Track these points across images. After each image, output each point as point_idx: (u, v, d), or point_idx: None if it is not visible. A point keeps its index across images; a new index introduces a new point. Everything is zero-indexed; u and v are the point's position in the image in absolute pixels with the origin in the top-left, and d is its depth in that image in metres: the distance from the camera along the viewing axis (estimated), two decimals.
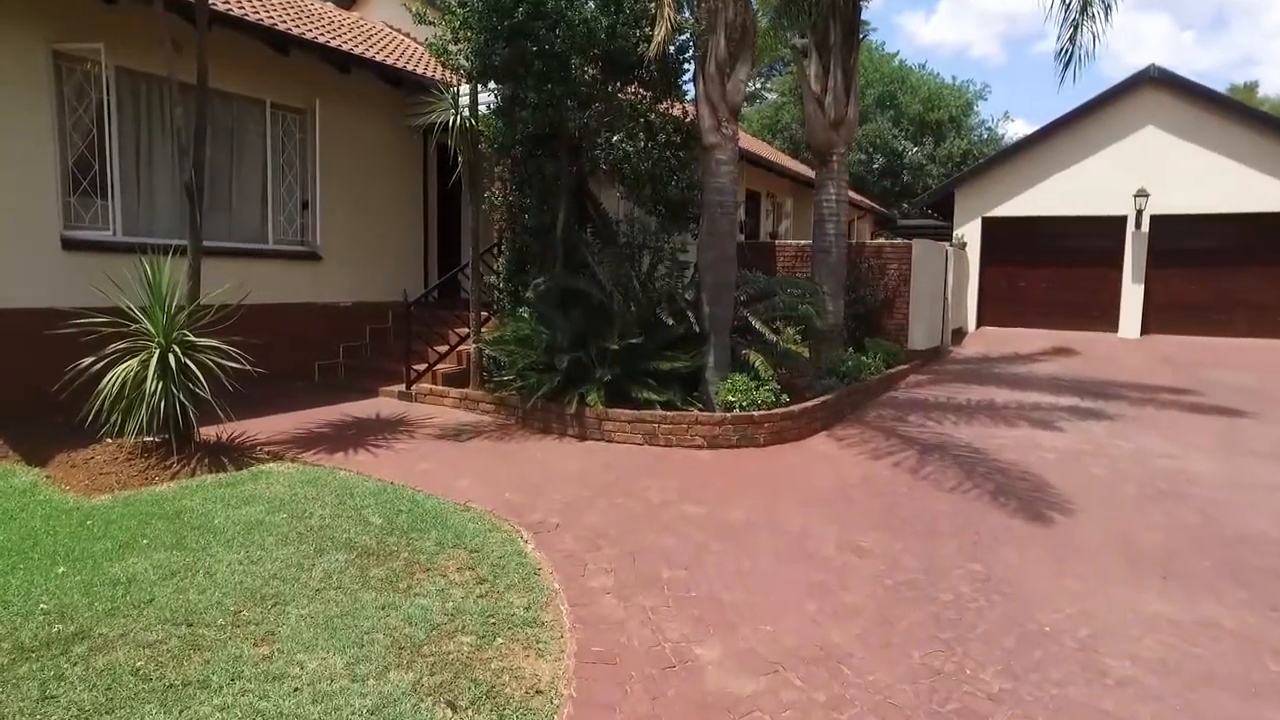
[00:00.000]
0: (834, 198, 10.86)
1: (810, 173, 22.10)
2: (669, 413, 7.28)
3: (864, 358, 10.29)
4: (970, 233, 18.17)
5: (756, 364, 7.69)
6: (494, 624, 3.67)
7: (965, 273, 17.31)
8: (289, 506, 5.16)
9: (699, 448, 7.15)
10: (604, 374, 7.52)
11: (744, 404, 7.39)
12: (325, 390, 9.28)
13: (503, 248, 9.63)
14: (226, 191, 8.90)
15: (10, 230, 7.06)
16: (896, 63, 33.90)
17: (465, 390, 8.60)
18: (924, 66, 35.55)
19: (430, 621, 3.65)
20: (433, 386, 8.84)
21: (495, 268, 9.64)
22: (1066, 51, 9.68)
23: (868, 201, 26.62)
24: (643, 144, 8.40)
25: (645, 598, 4.08)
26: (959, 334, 16.21)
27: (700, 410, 7.55)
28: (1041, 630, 3.84)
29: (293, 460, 6.40)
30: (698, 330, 7.80)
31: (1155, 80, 16.50)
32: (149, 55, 7.45)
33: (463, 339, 9.37)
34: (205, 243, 8.56)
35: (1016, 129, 49.43)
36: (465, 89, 8.58)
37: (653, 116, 8.69)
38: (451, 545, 4.60)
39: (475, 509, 5.31)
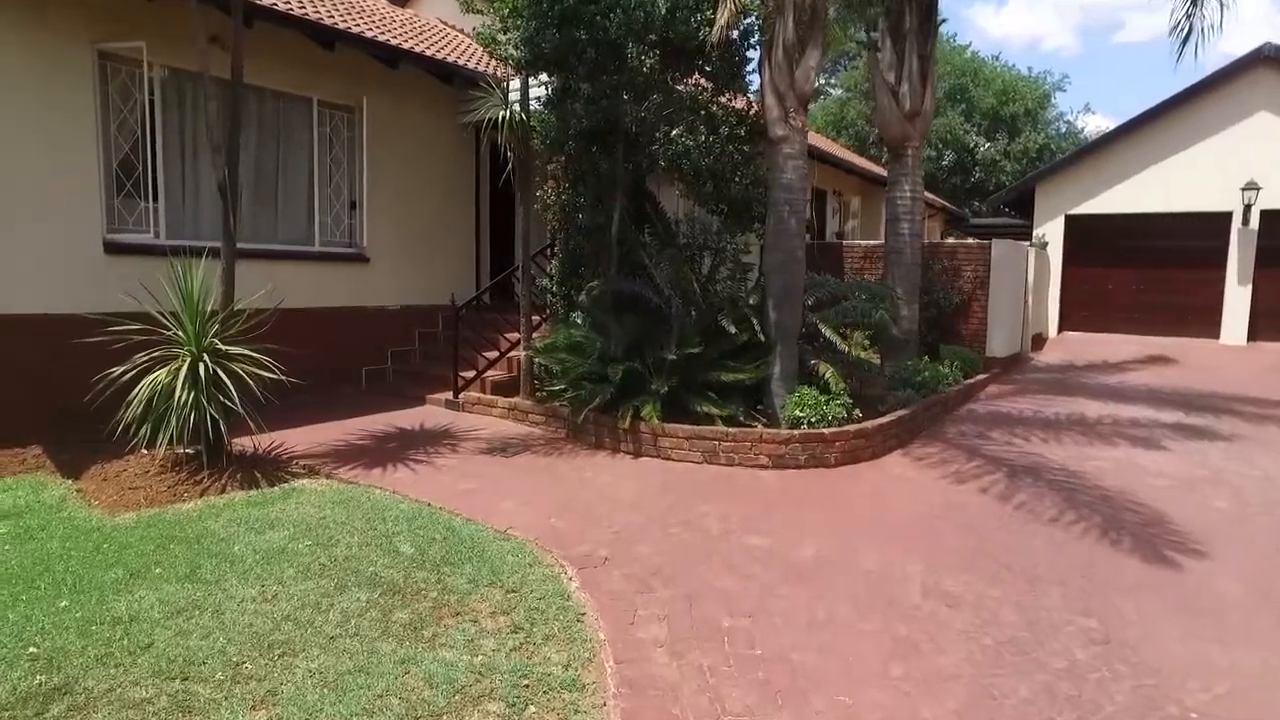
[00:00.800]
0: (908, 194, 10.14)
1: (879, 170, 21.21)
2: (731, 429, 6.70)
3: (940, 367, 9.54)
4: (1052, 231, 17.07)
5: (827, 375, 7.06)
6: (527, 687, 3.16)
7: (1046, 274, 16.25)
8: (315, 532, 4.75)
9: (763, 468, 6.56)
10: (661, 385, 6.98)
11: (813, 420, 6.76)
12: (372, 397, 8.96)
13: (556, 249, 9.18)
14: (272, 192, 8.65)
15: (55, 234, 6.87)
16: (969, 55, 32.55)
17: (514, 400, 8.17)
18: (997, 58, 34.12)
19: (454, 682, 3.16)
20: (481, 395, 8.43)
21: (548, 270, 9.19)
22: (1183, 27, 8.72)
23: (938, 200, 25.51)
24: (703, 138, 7.83)
25: (703, 654, 3.53)
26: (1039, 340, 15.19)
27: (764, 426, 6.95)
28: (1186, 718, 3.16)
29: (328, 476, 6.03)
30: (762, 338, 7.20)
31: (1271, 59, 14.98)
32: (198, 54, 7.20)
33: (513, 345, 8.95)
34: (248, 245, 8.35)
35: (1096, 123, 47.07)
36: (516, 84, 8.14)
37: (714, 108, 8.12)
38: (486, 583, 4.12)
39: (516, 538, 4.83)
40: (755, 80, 8.53)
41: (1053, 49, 65.61)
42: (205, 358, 5.73)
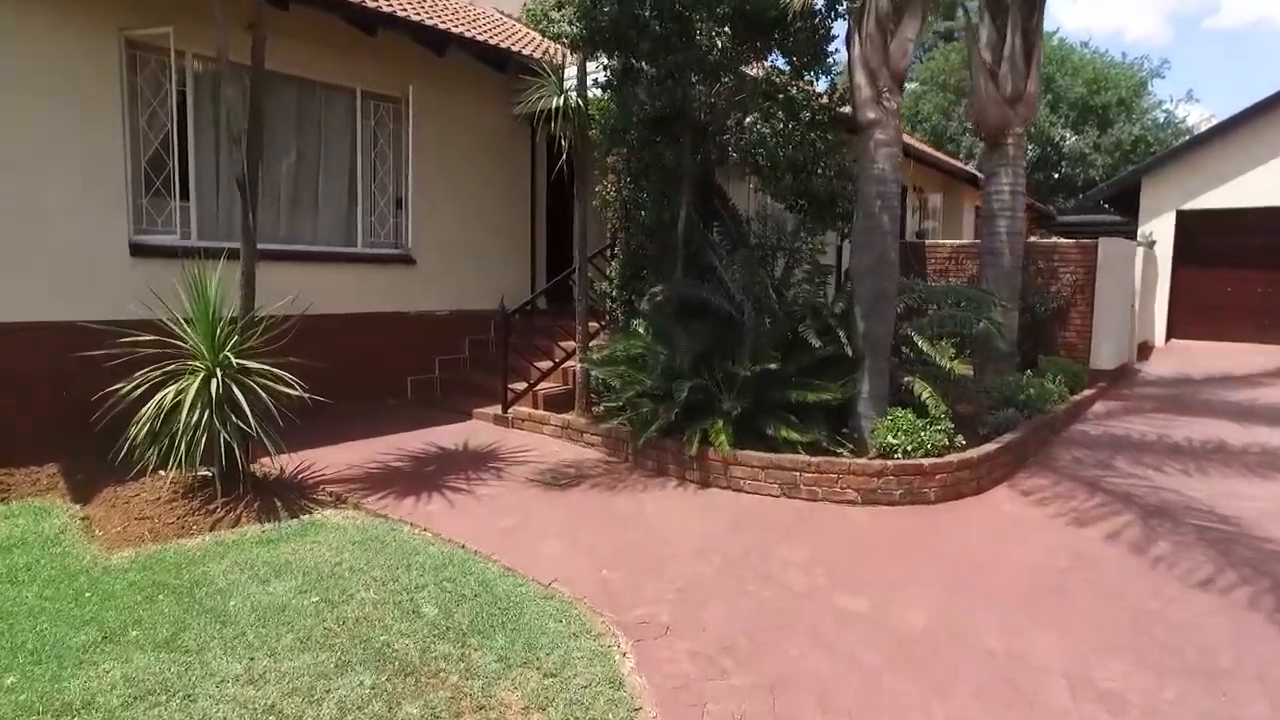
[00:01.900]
0: (1007, 189, 9.06)
1: (961, 165, 19.89)
2: (813, 458, 5.79)
3: (1045, 382, 8.43)
4: (1159, 229, 15.55)
5: (924, 396, 6.10)
6: None
7: (1153, 276, 14.80)
8: (327, 583, 4.05)
9: (850, 504, 5.65)
10: (732, 406, 6.13)
11: (909, 448, 5.82)
12: (415, 410, 8.32)
13: (616, 250, 8.41)
14: (312, 189, 8.08)
15: (79, 235, 6.39)
16: (1055, 41, 30.66)
17: (567, 417, 7.41)
18: (1086, 45, 32.12)
19: None
20: (531, 411, 7.70)
21: (608, 273, 8.42)
22: None
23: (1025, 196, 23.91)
24: (781, 125, 6.95)
25: None
26: (1145, 348, 13.79)
27: (851, 455, 6.03)
28: None
29: (355, 506, 5.36)
30: (849, 352, 6.28)
31: None
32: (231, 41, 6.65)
33: (568, 355, 8.21)
34: (285, 246, 7.80)
35: (1199, 113, 43.88)
36: (573, 70, 7.37)
37: (794, 91, 7.22)
38: (520, 662, 3.34)
39: (561, 595, 4.05)
40: (841, 59, 7.59)
41: (1138, 38, 62.09)
42: (219, 373, 5.11)
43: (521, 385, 7.95)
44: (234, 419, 5.06)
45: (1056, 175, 30.06)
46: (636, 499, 5.74)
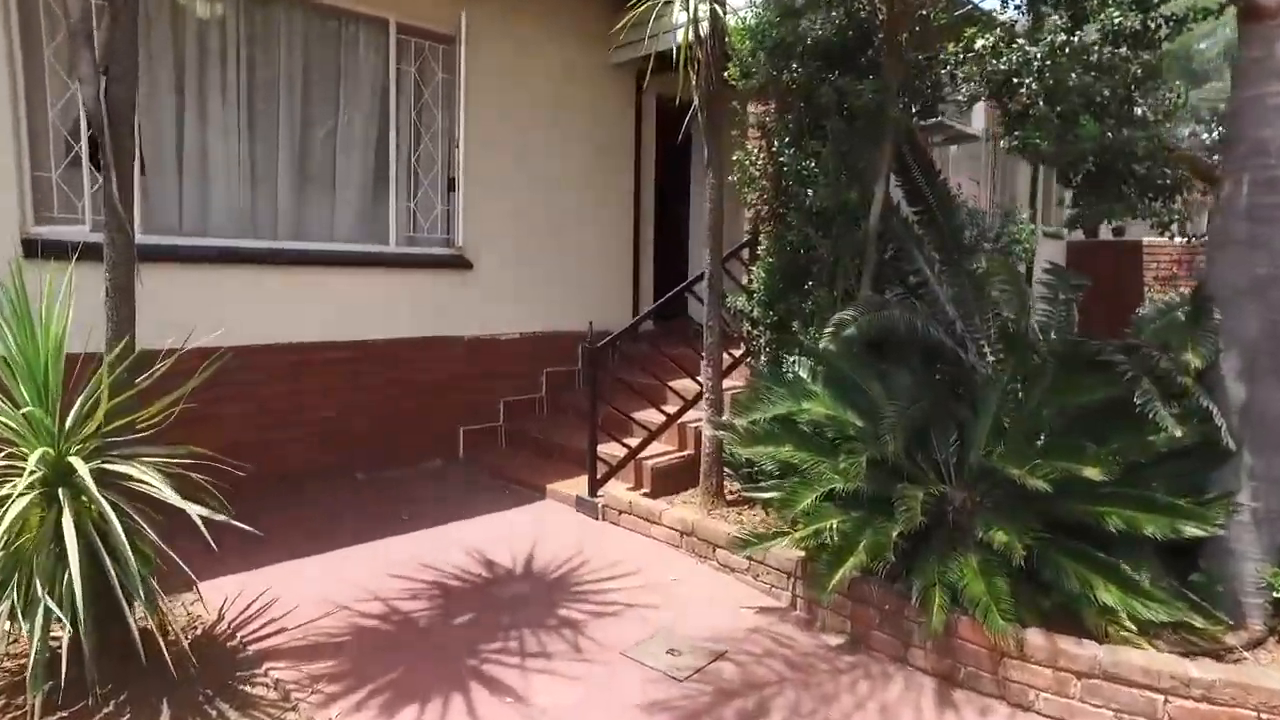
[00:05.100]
0: None
1: None
2: (1197, 671, 2.90)
3: None
4: None
5: None
6: None
7: None
8: None
9: None
10: (1001, 539, 3.32)
11: None
12: (464, 481, 5.80)
13: (758, 249, 5.69)
14: (327, 163, 5.66)
15: None
16: None
17: (690, 515, 4.69)
18: None
19: None
20: (634, 497, 5.02)
21: (745, 282, 5.73)
22: None
23: None
24: (1060, 37, 4.05)
25: None
26: None
27: (1224, 630, 3.17)
28: None
29: None
30: (1228, 440, 3.37)
31: None
32: None
33: (688, 402, 5.56)
34: (287, 245, 5.42)
35: None
36: None
37: None
38: None
39: None
40: None
41: None
42: (76, 478, 2.67)
43: (617, 449, 5.32)
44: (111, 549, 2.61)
45: None
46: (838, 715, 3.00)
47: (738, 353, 5.75)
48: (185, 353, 3.43)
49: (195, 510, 2.70)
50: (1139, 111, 3.82)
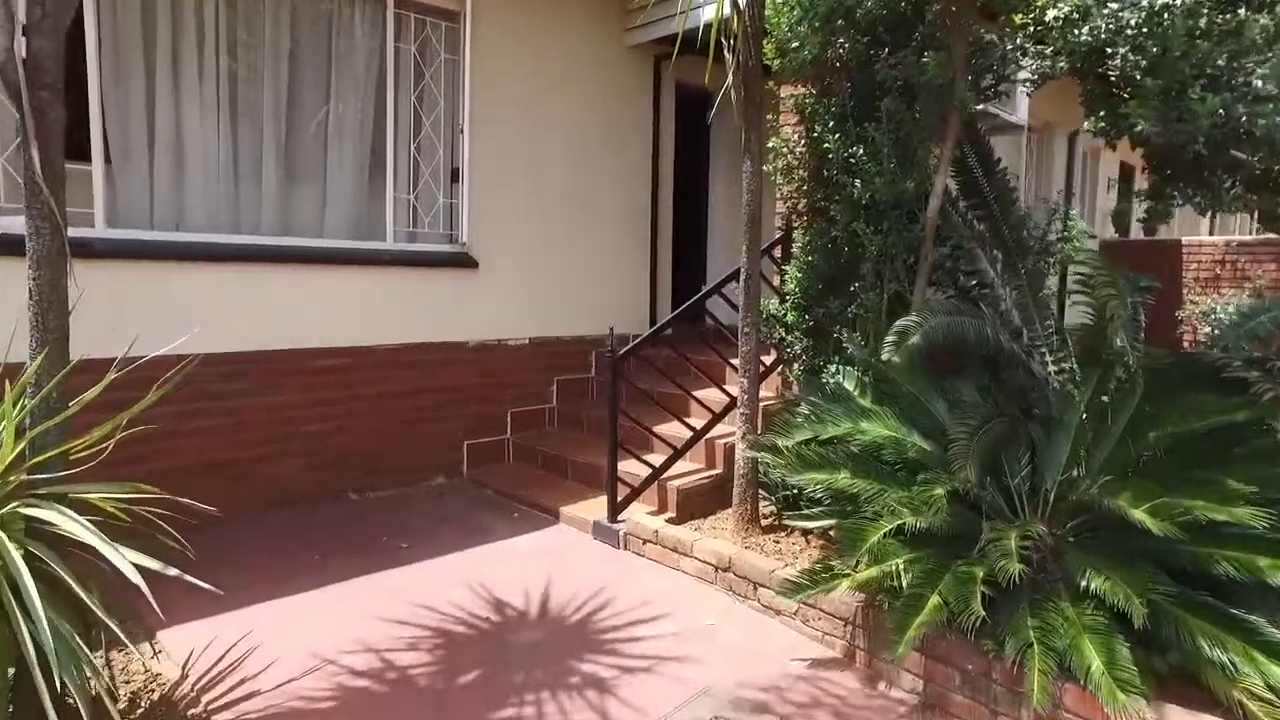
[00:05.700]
0: None
1: None
2: None
3: None
4: None
5: None
6: None
7: None
8: None
9: None
10: (1103, 581, 2.79)
11: None
12: (469, 502, 5.27)
13: (791, 248, 5.17)
14: (318, 152, 5.13)
15: None
16: None
17: (725, 547, 4.14)
18: None
19: None
20: (660, 524, 4.47)
21: (779, 283, 5.19)
22: None
23: None
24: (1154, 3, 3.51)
25: None
26: None
27: None
28: None
29: None
30: None
31: None
32: None
33: (716, 416, 5.03)
34: (267, 240, 4.89)
35: None
36: None
37: None
38: None
39: None
40: None
41: None
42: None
43: (637, 468, 4.78)
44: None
45: None
46: None
47: (766, 360, 5.22)
48: (145, 361, 2.91)
49: (129, 559, 2.16)
50: (1258, 84, 3.29)
